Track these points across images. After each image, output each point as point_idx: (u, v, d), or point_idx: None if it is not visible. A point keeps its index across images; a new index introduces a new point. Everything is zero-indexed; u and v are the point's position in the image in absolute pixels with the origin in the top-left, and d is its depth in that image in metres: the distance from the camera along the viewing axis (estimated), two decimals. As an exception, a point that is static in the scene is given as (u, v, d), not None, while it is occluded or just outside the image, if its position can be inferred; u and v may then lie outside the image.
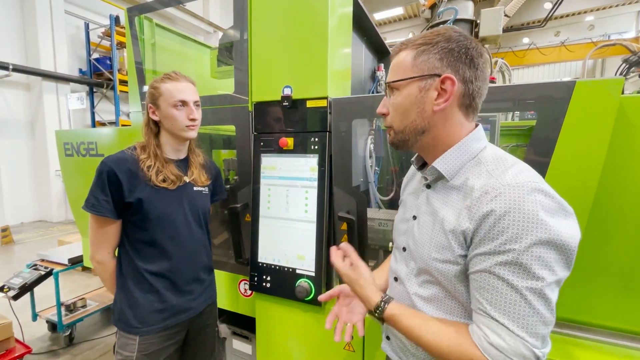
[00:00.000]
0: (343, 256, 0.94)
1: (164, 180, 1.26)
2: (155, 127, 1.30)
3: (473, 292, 0.70)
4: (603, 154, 1.00)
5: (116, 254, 1.32)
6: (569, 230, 0.63)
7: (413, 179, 0.99)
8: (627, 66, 4.39)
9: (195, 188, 1.37)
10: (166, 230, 1.26)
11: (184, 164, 1.37)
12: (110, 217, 1.20)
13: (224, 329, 1.66)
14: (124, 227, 1.26)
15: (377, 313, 0.80)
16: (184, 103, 1.26)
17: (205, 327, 1.47)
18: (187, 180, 1.34)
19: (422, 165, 0.90)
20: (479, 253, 0.68)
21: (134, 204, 1.20)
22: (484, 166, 0.73)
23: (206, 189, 1.42)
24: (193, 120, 1.28)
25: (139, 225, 1.24)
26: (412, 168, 1.03)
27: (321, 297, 1.03)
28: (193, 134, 1.31)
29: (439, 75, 0.73)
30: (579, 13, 11.84)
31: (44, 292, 3.35)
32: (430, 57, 0.73)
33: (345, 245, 0.96)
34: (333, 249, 0.96)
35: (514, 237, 0.63)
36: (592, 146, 1.01)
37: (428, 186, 0.84)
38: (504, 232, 0.64)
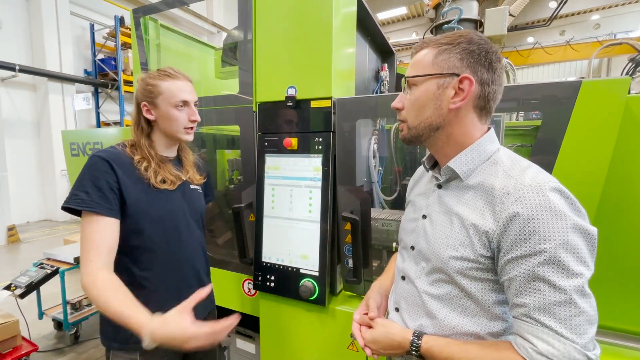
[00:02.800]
0: (360, 326, 0.94)
1: (163, 181, 1.17)
2: (147, 127, 1.20)
3: (512, 299, 0.69)
4: (609, 154, 0.99)
5: None
6: (587, 223, 0.66)
7: (420, 180, 0.99)
8: (634, 65, 4.34)
9: (192, 186, 1.29)
10: (167, 233, 1.17)
11: (178, 163, 1.29)
12: (104, 213, 1.02)
13: (225, 337, 1.61)
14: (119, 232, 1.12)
15: (414, 350, 0.78)
16: (185, 103, 1.18)
17: None
18: (184, 179, 1.26)
19: (433, 166, 0.91)
20: (513, 257, 0.67)
21: (131, 204, 1.08)
22: (500, 166, 0.75)
23: (200, 188, 1.35)
24: (194, 121, 1.20)
25: (136, 229, 1.11)
26: (419, 170, 1.04)
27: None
28: (191, 137, 1.23)
29: (458, 75, 0.74)
30: (585, 12, 11.74)
31: (50, 290, 3.38)
32: (451, 56, 0.75)
33: (358, 318, 0.96)
34: (355, 329, 0.95)
35: (546, 236, 0.63)
36: (597, 147, 1.01)
37: (439, 186, 0.85)
38: (535, 233, 0.64)
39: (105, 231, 1.02)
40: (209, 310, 1.37)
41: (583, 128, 1.01)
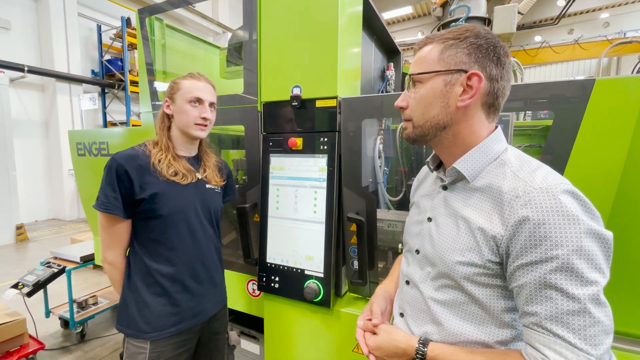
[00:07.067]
0: (364, 332, 0.92)
1: (175, 174, 1.23)
2: (167, 121, 1.30)
3: (523, 307, 0.66)
4: (623, 155, 0.97)
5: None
6: (602, 228, 0.62)
7: (425, 180, 0.96)
8: (645, 64, 4.25)
9: (208, 186, 1.35)
10: (178, 227, 1.23)
11: (196, 162, 1.36)
12: (119, 215, 1.17)
13: (234, 336, 1.60)
14: (133, 226, 1.23)
15: (419, 358, 0.76)
16: (199, 101, 1.26)
17: (217, 334, 1.44)
18: (200, 177, 1.32)
19: (437, 166, 0.88)
20: (523, 264, 0.64)
21: (147, 199, 1.17)
22: (509, 167, 0.72)
23: (219, 188, 1.41)
24: (204, 119, 1.27)
25: (149, 223, 1.20)
26: (423, 170, 1.01)
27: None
28: (202, 133, 1.29)
29: (466, 71, 0.71)
30: (594, 10, 11.58)
31: (57, 289, 3.41)
32: (458, 51, 0.72)
33: (361, 324, 0.95)
34: (359, 336, 0.93)
35: (558, 241, 0.60)
36: (611, 147, 0.98)
37: (444, 187, 0.82)
38: (546, 238, 0.61)
39: (122, 229, 1.21)
40: (220, 307, 1.43)
41: (596, 128, 0.99)
